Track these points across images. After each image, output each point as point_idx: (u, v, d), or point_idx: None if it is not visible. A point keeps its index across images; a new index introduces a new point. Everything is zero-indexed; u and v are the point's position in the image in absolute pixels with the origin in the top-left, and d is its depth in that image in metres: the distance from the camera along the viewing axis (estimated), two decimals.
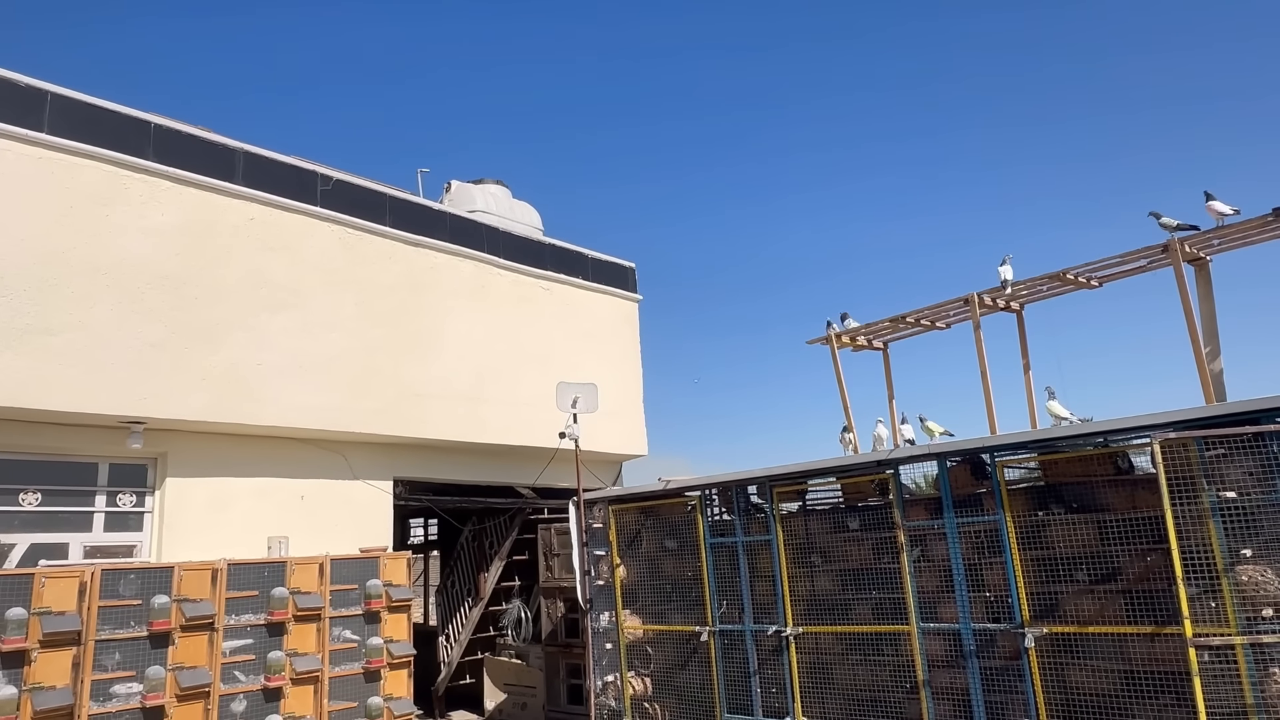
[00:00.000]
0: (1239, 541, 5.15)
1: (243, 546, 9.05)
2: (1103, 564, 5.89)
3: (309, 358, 9.85)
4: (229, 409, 9.11)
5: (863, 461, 7.43)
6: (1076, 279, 8.98)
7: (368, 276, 10.66)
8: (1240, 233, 7.96)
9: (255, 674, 7.71)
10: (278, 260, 9.82)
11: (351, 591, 8.52)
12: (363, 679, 8.38)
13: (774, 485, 7.69)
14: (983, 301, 9.57)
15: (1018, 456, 6.62)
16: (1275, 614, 4.99)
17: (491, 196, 13.36)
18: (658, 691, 8.47)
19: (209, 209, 9.35)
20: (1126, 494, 5.93)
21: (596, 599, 9.00)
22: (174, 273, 8.94)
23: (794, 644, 7.33)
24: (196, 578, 7.54)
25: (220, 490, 9.45)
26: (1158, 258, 8.32)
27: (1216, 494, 5.22)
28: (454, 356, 11.34)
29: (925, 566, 6.73)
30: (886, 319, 10.58)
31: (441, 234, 11.63)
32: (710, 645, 7.91)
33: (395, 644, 8.64)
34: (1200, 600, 5.18)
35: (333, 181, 10.54)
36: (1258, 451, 5.15)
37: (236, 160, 9.69)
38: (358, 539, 9.80)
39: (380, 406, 10.38)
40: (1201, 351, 7.94)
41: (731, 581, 7.87)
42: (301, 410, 9.66)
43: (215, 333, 9.15)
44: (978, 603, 6.39)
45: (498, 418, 11.60)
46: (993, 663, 6.26)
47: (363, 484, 10.65)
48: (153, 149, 9.00)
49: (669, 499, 8.55)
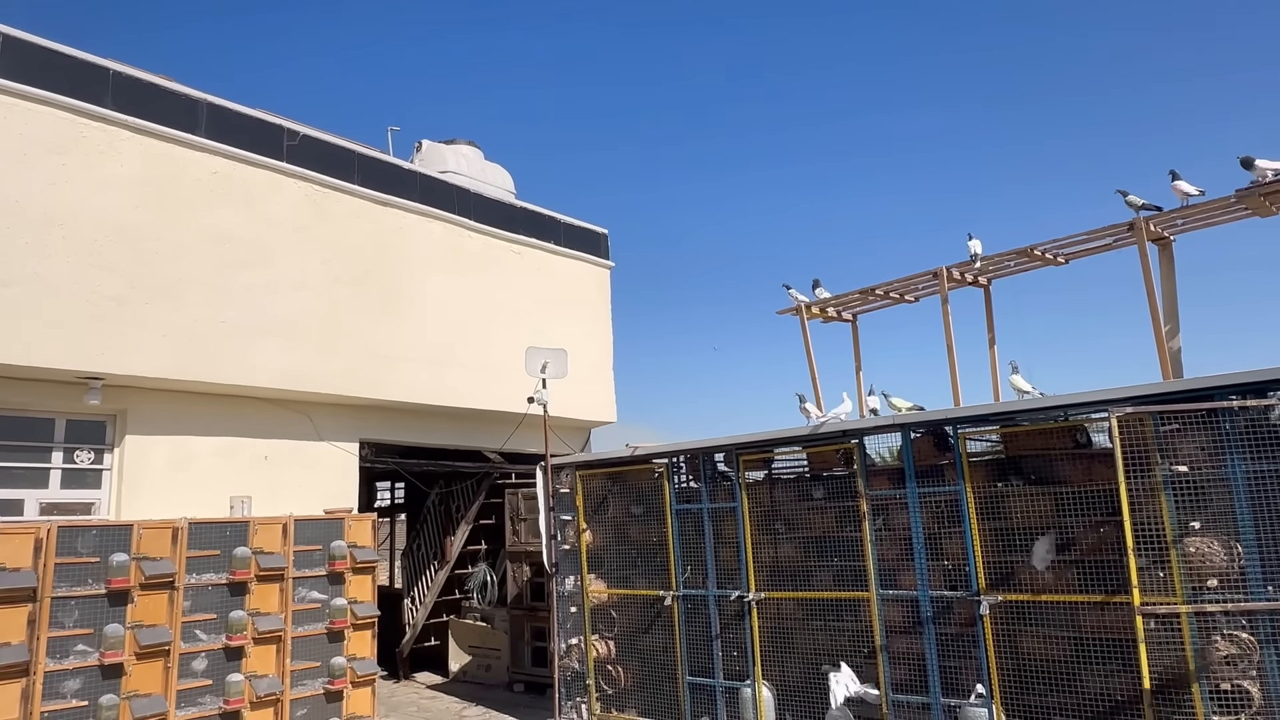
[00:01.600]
0: (1188, 514, 5.30)
1: (205, 506, 8.94)
2: (1058, 535, 6.04)
3: (273, 317, 9.68)
4: (191, 367, 8.95)
5: (829, 431, 7.50)
6: (1044, 255, 9.08)
7: (335, 235, 10.47)
8: (1204, 213, 8.09)
9: (217, 633, 7.66)
10: (242, 216, 9.60)
11: (315, 552, 8.47)
12: (326, 639, 8.37)
13: (741, 453, 7.75)
14: (951, 276, 9.66)
15: (980, 429, 6.74)
16: (1219, 584, 5.15)
17: (463, 157, 13.16)
18: (621, 654, 8.58)
19: (170, 161, 9.09)
20: (1084, 467, 6.06)
21: (562, 563, 9.05)
22: (133, 225, 8.71)
23: (756, 609, 7.44)
24: (156, 536, 7.44)
25: (181, 449, 9.32)
26: (1123, 236, 8.44)
27: (1169, 468, 5.35)
28: (422, 318, 11.23)
29: (886, 535, 6.85)
30: (856, 291, 10.65)
31: (411, 194, 11.44)
32: (674, 609, 8.01)
33: (359, 605, 8.63)
34: (1150, 571, 5.33)
35: (300, 137, 10.30)
36: (1210, 427, 5.29)
37: (200, 112, 9.42)
38: (323, 501, 9.74)
39: (347, 368, 10.26)
40: (1162, 329, 8.10)
41: (696, 547, 7.96)
42: (265, 370, 9.52)
43: (177, 288, 8.95)
44: (936, 571, 6.52)
45: (466, 381, 11.53)
46: (949, 629, 6.41)
47: (328, 445, 10.56)
48: (112, 97, 8.71)
49: (637, 465, 8.59)
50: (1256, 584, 5.04)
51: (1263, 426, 5.16)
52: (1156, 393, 5.54)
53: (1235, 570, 5.12)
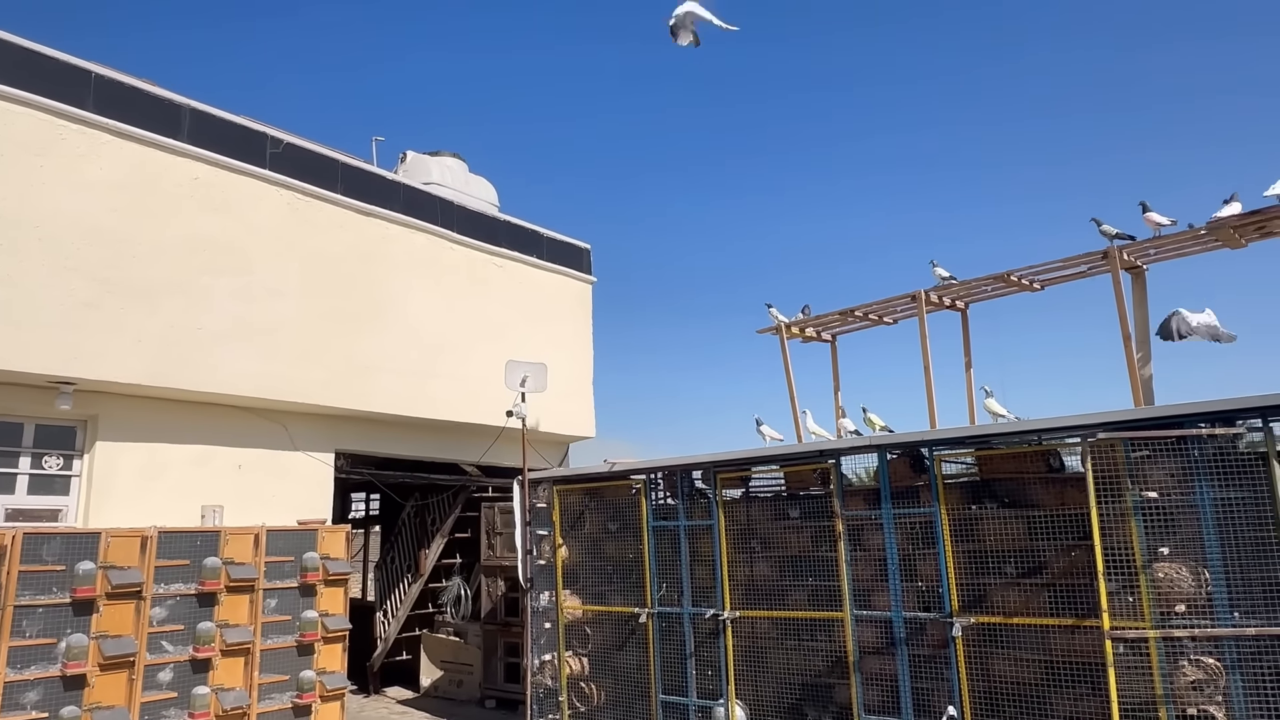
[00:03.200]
0: (1158, 540, 5.37)
1: (175, 515, 8.81)
2: (1030, 558, 6.09)
3: (252, 324, 9.60)
4: (165, 373, 8.85)
5: (806, 451, 7.54)
6: (1020, 280, 9.21)
7: (317, 244, 10.42)
8: (1175, 244, 8.25)
9: (183, 644, 7.54)
10: (222, 222, 9.53)
11: (287, 564, 8.38)
12: (295, 652, 8.26)
13: (718, 471, 7.77)
14: (929, 299, 9.77)
15: (955, 451, 6.80)
16: (1187, 610, 5.22)
17: (448, 169, 13.17)
18: (594, 671, 8.53)
19: (151, 165, 9.02)
20: (1056, 491, 6.13)
21: (537, 578, 9.00)
22: (111, 230, 8.62)
23: (731, 628, 7.43)
24: (125, 544, 7.34)
25: (153, 456, 9.19)
26: (1097, 264, 8.58)
27: (1140, 494, 5.43)
28: (403, 330, 11.18)
29: (861, 556, 6.88)
30: (835, 312, 10.73)
31: (395, 205, 11.42)
32: (648, 627, 7.98)
33: (331, 618, 8.53)
34: (1119, 595, 5.39)
35: (283, 145, 10.26)
36: (1180, 454, 5.37)
37: (182, 117, 9.37)
38: (296, 511, 9.63)
39: (325, 377, 10.19)
40: (1133, 356, 8.23)
41: (672, 565, 7.94)
42: (242, 378, 9.43)
43: (153, 294, 8.86)
44: (910, 592, 6.55)
45: (445, 394, 11.48)
46: (921, 650, 6.43)
47: (303, 456, 10.46)
48: (93, 100, 8.64)
49: (614, 481, 8.57)
50: (1223, 610, 5.11)
51: (1231, 455, 5.24)
52: (1128, 419, 5.62)
53: (1203, 596, 5.19)
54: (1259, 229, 7.74)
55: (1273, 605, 4.99)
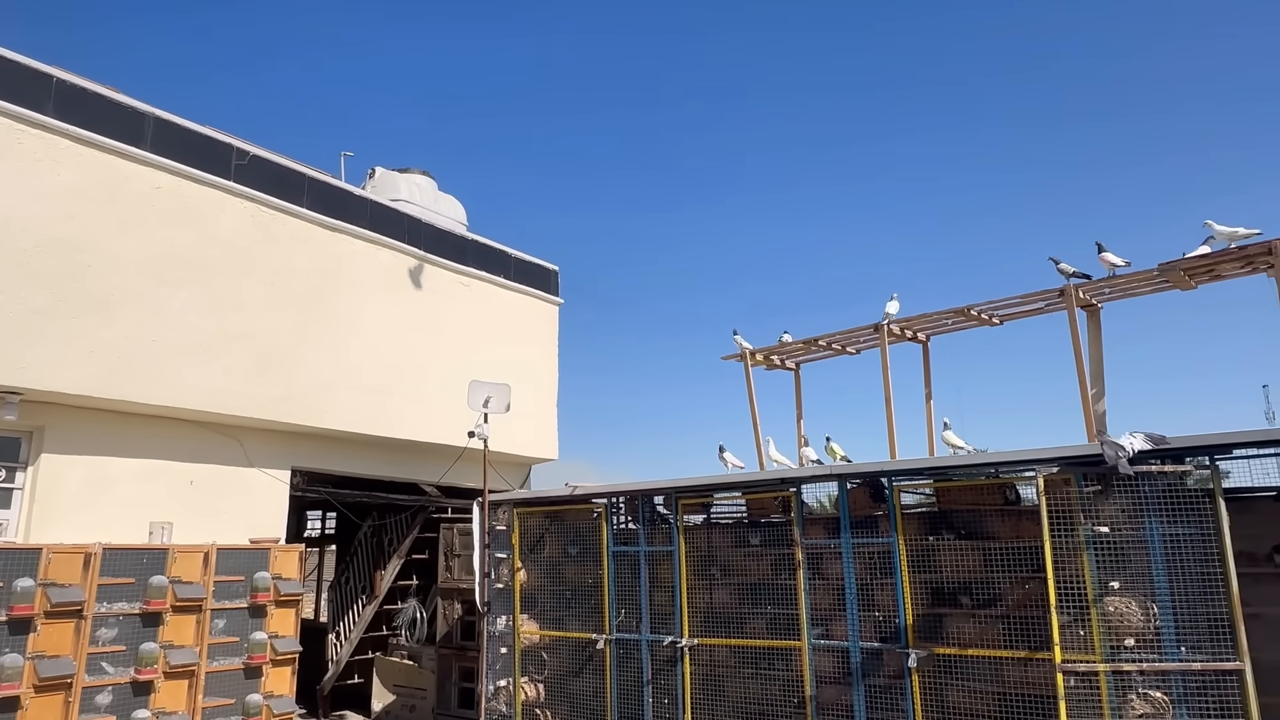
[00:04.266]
0: (1109, 574, 5.46)
1: (123, 531, 8.56)
2: (986, 590, 6.16)
3: (210, 337, 9.42)
4: (118, 385, 8.62)
5: (768, 478, 7.56)
6: (979, 315, 9.38)
7: (280, 258, 10.28)
8: (1129, 284, 8.47)
9: (125, 665, 7.30)
10: (183, 233, 9.37)
11: (237, 583, 8.18)
12: (243, 675, 8.04)
13: (680, 497, 7.76)
14: (891, 330, 9.91)
15: (914, 482, 6.87)
16: (1136, 643, 5.31)
17: (416, 186, 13.10)
18: (550, 698, 8.41)
19: (111, 173, 8.85)
20: (1012, 524, 6.22)
21: (495, 602, 8.88)
22: (66, 237, 8.42)
23: (689, 655, 7.39)
24: (67, 561, 7.11)
25: (101, 470, 8.92)
26: (1054, 301, 8.78)
27: (1092, 528, 5.52)
28: (365, 347, 11.04)
29: (820, 584, 6.90)
30: (799, 341, 10.84)
31: (361, 220, 11.32)
32: (606, 653, 7.91)
33: (280, 640, 8.33)
34: (1071, 628, 5.47)
35: (249, 156, 10.14)
36: (1131, 490, 5.48)
37: (146, 125, 9.22)
38: (250, 529, 9.40)
39: (283, 393, 10.01)
40: (1088, 392, 8.41)
41: (631, 590, 7.89)
42: (197, 391, 9.23)
43: (109, 304, 8.66)
44: (867, 622, 6.58)
45: (406, 412, 11.34)
46: (878, 681, 6.45)
47: (258, 472, 10.24)
48: (53, 105, 8.47)
49: (575, 505, 8.52)
50: (1170, 644, 5.21)
51: (1179, 491, 5.36)
52: (1081, 454, 5.73)
53: (1151, 630, 5.28)
54: (1209, 272, 7.99)
55: (1218, 640, 5.09)
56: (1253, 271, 7.81)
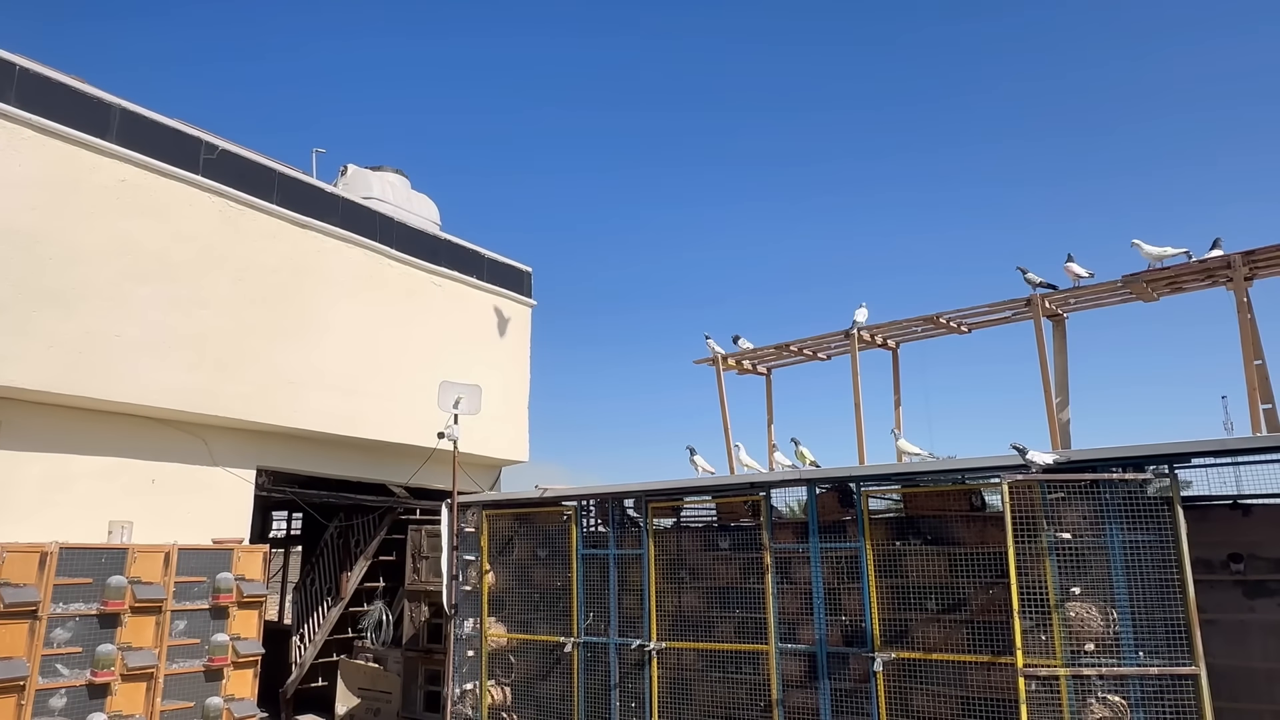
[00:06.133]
0: (1070, 580, 5.55)
1: (81, 530, 8.37)
2: (951, 595, 6.23)
3: (175, 334, 9.26)
4: (78, 381, 8.44)
5: (738, 482, 7.59)
6: (948, 323, 9.50)
7: (248, 254, 10.13)
8: (1094, 294, 8.62)
9: (81, 668, 7.14)
10: (149, 228, 9.20)
11: (199, 584, 8.04)
12: (203, 677, 7.91)
13: (650, 500, 7.76)
14: (861, 337, 9.99)
15: (883, 488, 6.93)
16: (1096, 648, 5.39)
17: (389, 185, 12.99)
18: (517, 701, 8.36)
19: (75, 165, 8.67)
20: (978, 530, 6.29)
21: (462, 604, 8.81)
22: (27, 229, 8.24)
23: (656, 659, 7.39)
24: (22, 560, 6.95)
25: (59, 467, 8.72)
26: (1021, 310, 8.91)
27: (1054, 534, 5.61)
28: (334, 346, 10.91)
29: (788, 588, 6.93)
30: (771, 346, 10.89)
31: (332, 218, 11.19)
32: (574, 657, 7.88)
33: (242, 642, 8.20)
34: (1033, 633, 5.54)
35: (218, 151, 9.98)
36: (1093, 498, 5.58)
37: (111, 117, 9.04)
38: (213, 529, 9.24)
39: (249, 391, 9.86)
40: (1052, 401, 8.54)
41: (600, 593, 7.87)
42: (161, 389, 9.06)
43: (70, 298, 8.47)
44: (834, 626, 6.62)
45: (375, 413, 11.22)
46: (844, 684, 6.49)
47: (222, 471, 10.08)
48: (15, 94, 8.28)
49: (545, 507, 8.48)
50: (1129, 650, 5.30)
51: (1140, 499, 5.47)
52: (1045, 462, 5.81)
53: (1110, 636, 5.38)
54: (1170, 284, 8.15)
55: (1174, 645, 5.19)
56: (1213, 284, 7.98)
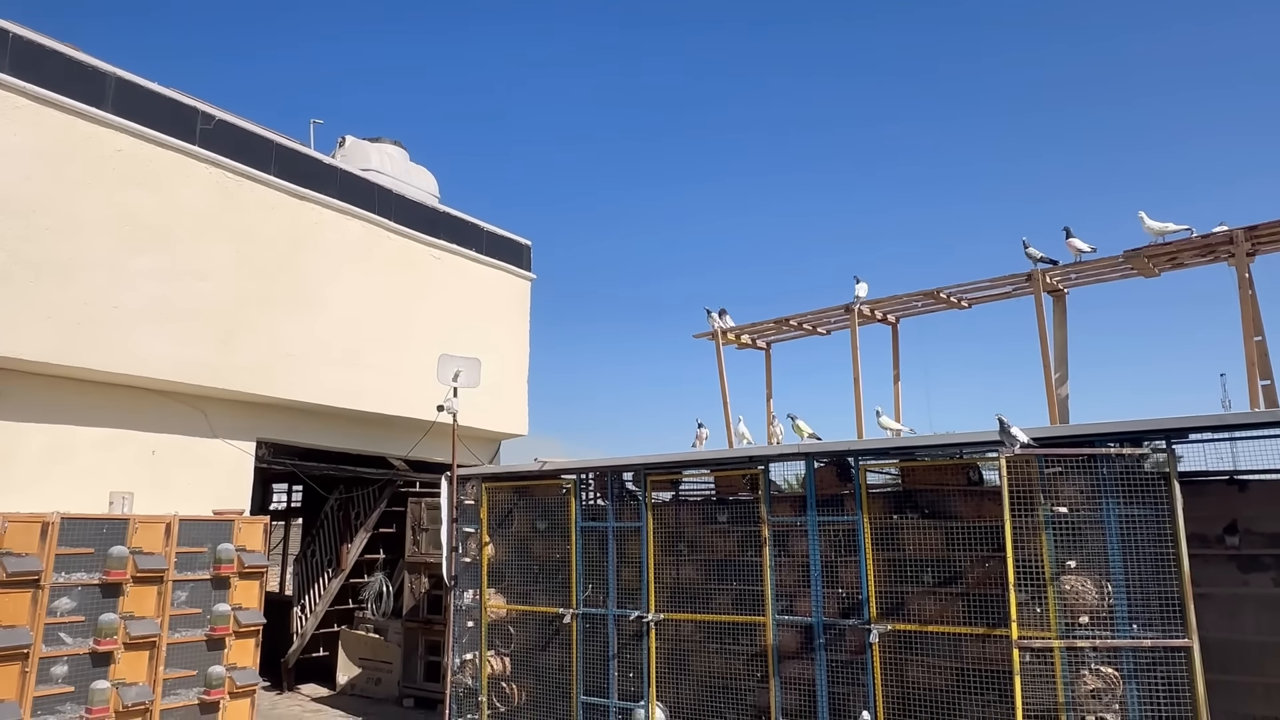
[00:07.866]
0: (1066, 553, 5.58)
1: (82, 501, 8.40)
2: (947, 568, 6.27)
3: (173, 305, 9.23)
4: (77, 352, 8.43)
5: (736, 456, 7.61)
6: (948, 298, 9.48)
7: (246, 226, 10.08)
8: (1095, 270, 8.60)
9: (84, 636, 7.21)
10: (146, 198, 9.14)
11: (200, 554, 8.09)
12: (205, 646, 7.98)
13: (649, 473, 7.79)
14: (861, 312, 9.98)
15: (880, 462, 6.95)
16: (1090, 621, 5.44)
17: (388, 156, 12.90)
18: (516, 671, 8.45)
19: (71, 134, 8.60)
20: (974, 504, 6.32)
21: (462, 576, 8.88)
22: (23, 198, 8.18)
23: (654, 630, 7.45)
24: (24, 530, 6.98)
25: (60, 438, 8.74)
26: (1021, 285, 8.89)
27: (1051, 509, 5.63)
28: (333, 318, 10.89)
29: (786, 561, 6.98)
30: (771, 320, 10.88)
31: (330, 190, 11.12)
32: (572, 627, 7.95)
33: (244, 611, 8.27)
34: (1028, 606, 5.59)
35: (215, 121, 9.90)
36: (1090, 472, 5.59)
37: (107, 85, 8.95)
38: (214, 500, 9.29)
39: (249, 363, 9.86)
40: (1051, 376, 8.55)
41: (599, 565, 7.93)
42: (160, 360, 9.05)
43: (68, 268, 8.44)
44: (831, 598, 6.68)
45: (375, 385, 11.23)
46: (839, 656, 6.56)
47: (223, 443, 10.10)
48: (10, 62, 8.19)
49: (544, 480, 8.51)
50: (1123, 622, 5.35)
51: (1136, 474, 5.48)
52: (1043, 436, 5.82)
53: (1104, 609, 5.42)
54: (1171, 260, 8.13)
55: (1168, 618, 5.24)
56: (1214, 260, 7.96)
